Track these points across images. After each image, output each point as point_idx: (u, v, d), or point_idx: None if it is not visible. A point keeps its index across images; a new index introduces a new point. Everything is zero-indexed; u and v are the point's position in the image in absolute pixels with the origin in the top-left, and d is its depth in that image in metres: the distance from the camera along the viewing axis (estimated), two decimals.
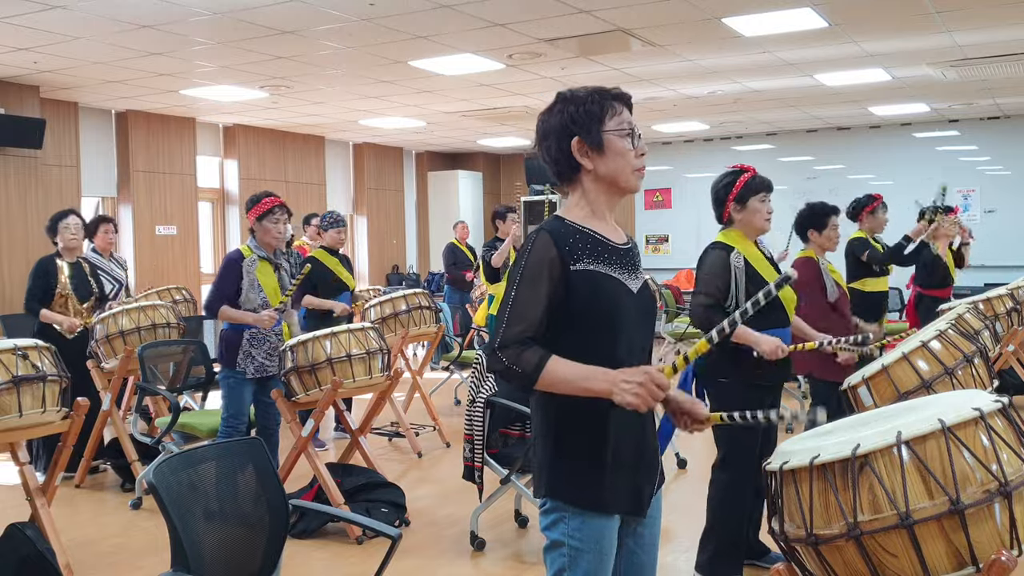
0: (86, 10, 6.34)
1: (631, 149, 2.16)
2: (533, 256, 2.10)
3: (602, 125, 2.14)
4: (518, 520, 4.87)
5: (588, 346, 2.09)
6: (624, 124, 2.15)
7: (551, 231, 2.13)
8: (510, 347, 2.05)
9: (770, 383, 3.81)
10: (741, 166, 3.88)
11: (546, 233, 2.12)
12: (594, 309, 2.10)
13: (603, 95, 2.16)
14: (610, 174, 2.16)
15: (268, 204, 4.84)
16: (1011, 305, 5.82)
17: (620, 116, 2.15)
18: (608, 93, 2.17)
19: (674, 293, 11.67)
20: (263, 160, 12.13)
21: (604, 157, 2.15)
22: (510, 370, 2.05)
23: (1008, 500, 1.96)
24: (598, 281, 2.11)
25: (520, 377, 2.05)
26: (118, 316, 5.78)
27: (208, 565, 2.45)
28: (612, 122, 2.14)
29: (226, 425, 4.81)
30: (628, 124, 2.16)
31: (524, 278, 2.09)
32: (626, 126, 2.15)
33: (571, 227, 2.15)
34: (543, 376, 2.03)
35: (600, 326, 2.11)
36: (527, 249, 2.12)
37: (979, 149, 12.53)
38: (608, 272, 2.13)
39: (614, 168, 2.16)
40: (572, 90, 2.19)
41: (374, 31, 7.06)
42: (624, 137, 2.15)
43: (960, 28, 7.31)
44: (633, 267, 2.21)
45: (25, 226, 8.98)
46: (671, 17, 6.82)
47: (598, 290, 2.11)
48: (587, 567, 2.11)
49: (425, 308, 7.07)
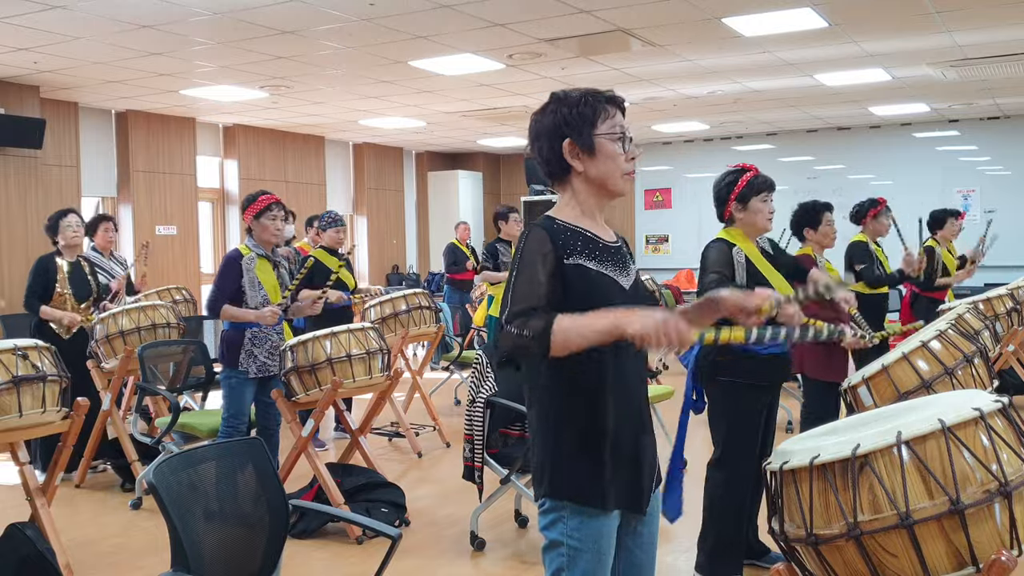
0: (86, 10, 6.35)
1: (622, 153, 2.17)
2: (528, 248, 2.12)
3: (594, 128, 2.15)
4: (518, 520, 4.87)
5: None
6: (616, 128, 2.16)
7: (544, 227, 2.15)
8: (517, 319, 2.04)
9: (769, 382, 3.81)
10: (743, 165, 3.87)
11: (539, 228, 2.14)
12: (586, 305, 2.09)
13: (596, 98, 2.17)
14: (600, 177, 2.18)
15: (265, 202, 4.85)
16: (1011, 305, 5.82)
17: (612, 120, 2.17)
18: (601, 96, 2.18)
19: (674, 293, 11.67)
20: (263, 160, 12.13)
21: (595, 160, 2.16)
22: (521, 338, 2.02)
23: (1008, 500, 1.96)
24: (590, 277, 2.13)
25: (532, 343, 2.01)
26: (118, 316, 5.78)
27: (208, 565, 2.45)
28: (604, 126, 2.15)
29: (226, 425, 4.81)
30: (620, 128, 2.17)
31: (523, 264, 2.10)
32: (618, 130, 2.16)
33: (562, 225, 2.17)
34: (554, 334, 1.99)
35: None
36: (522, 243, 2.14)
37: (979, 149, 12.54)
38: (599, 269, 2.15)
39: (604, 171, 2.17)
40: (566, 91, 2.20)
41: (374, 31, 7.06)
42: (615, 141, 2.16)
43: (960, 28, 7.32)
44: (624, 264, 2.23)
45: (25, 226, 8.98)
46: (671, 17, 6.82)
47: (590, 286, 2.12)
48: (585, 566, 2.12)
49: (425, 308, 7.07)
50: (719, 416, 3.81)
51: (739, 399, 3.73)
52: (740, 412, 3.77)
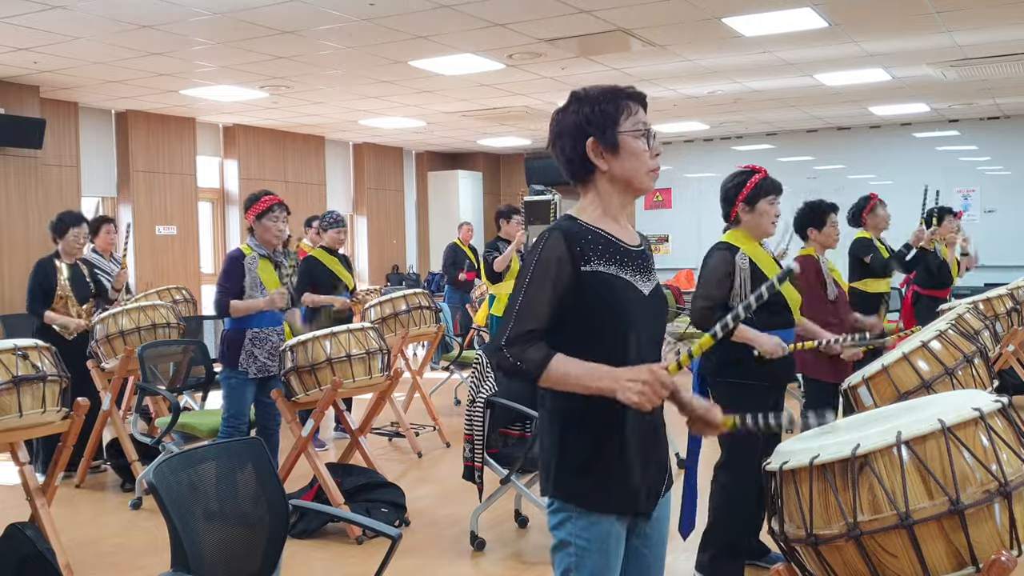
0: (86, 10, 6.34)
1: (646, 150, 2.14)
2: (543, 255, 2.08)
3: (617, 126, 2.11)
4: (518, 520, 4.87)
5: (597, 347, 2.07)
6: (639, 124, 2.13)
7: (564, 231, 2.10)
8: (515, 344, 2.05)
9: (773, 383, 3.81)
10: (752, 167, 3.85)
11: (559, 232, 2.10)
12: (604, 311, 2.08)
13: (618, 95, 2.14)
14: (625, 175, 2.14)
15: (267, 202, 4.85)
16: (1011, 305, 5.81)
17: (635, 116, 2.13)
18: (623, 92, 2.15)
19: (674, 293, 11.66)
20: (263, 160, 12.13)
21: (619, 158, 2.12)
22: (515, 367, 2.05)
23: (1008, 500, 1.96)
24: (608, 283, 2.09)
25: (525, 374, 2.05)
26: (118, 316, 5.78)
27: (208, 565, 2.45)
28: (627, 123, 2.12)
29: (227, 425, 4.81)
30: (643, 124, 2.14)
31: (534, 277, 2.08)
32: (641, 126, 2.13)
33: (584, 227, 2.13)
34: (547, 373, 2.03)
35: (610, 328, 2.09)
36: (538, 248, 2.10)
37: (979, 149, 12.54)
38: (619, 274, 2.11)
39: (629, 169, 2.13)
40: (586, 89, 2.16)
41: (374, 31, 7.06)
42: (639, 138, 2.13)
43: (960, 28, 7.32)
44: (645, 269, 2.19)
45: (25, 226, 8.98)
46: (671, 17, 6.82)
47: (608, 292, 2.09)
48: (593, 567, 2.11)
49: (425, 308, 7.07)
50: None
51: (744, 400, 3.73)
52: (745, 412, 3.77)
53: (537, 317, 2.06)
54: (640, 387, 1.94)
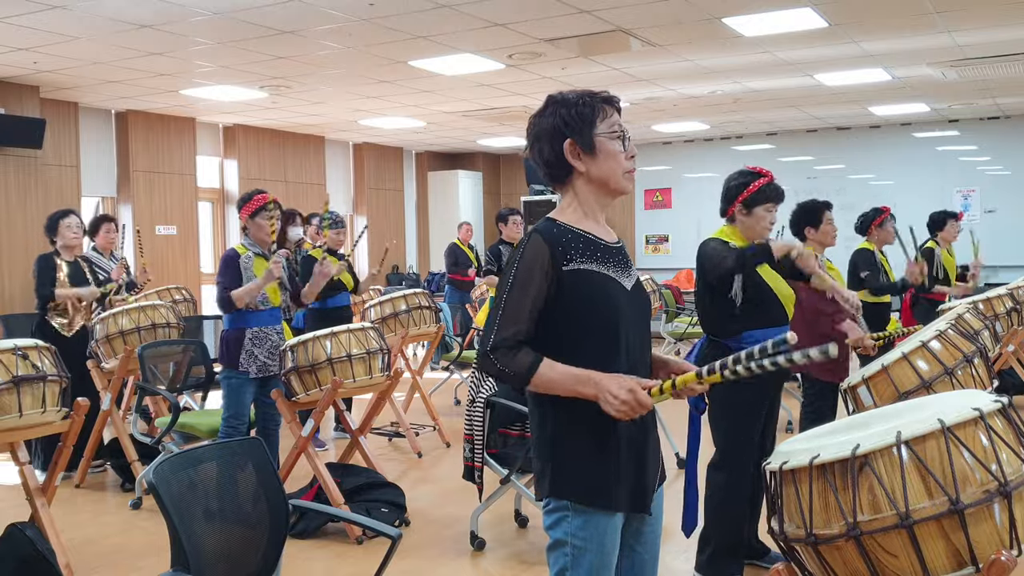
0: (86, 10, 6.34)
1: (622, 151, 2.19)
2: (525, 258, 2.13)
3: (594, 128, 2.17)
4: (518, 520, 4.87)
5: (587, 344, 2.11)
6: (615, 127, 2.19)
7: (543, 233, 2.16)
8: (501, 349, 2.10)
9: (769, 382, 3.81)
10: (760, 170, 3.82)
11: (538, 235, 2.15)
12: (591, 307, 2.12)
13: (593, 98, 2.20)
14: (602, 176, 2.19)
15: (260, 201, 4.86)
16: (1011, 305, 5.82)
17: (611, 119, 2.19)
18: (598, 96, 2.21)
19: (674, 293, 11.66)
20: (263, 160, 12.13)
21: (596, 159, 2.18)
22: (502, 373, 2.10)
23: (1008, 500, 1.96)
24: (593, 279, 2.14)
25: (512, 379, 2.11)
26: (118, 316, 5.78)
27: (208, 565, 2.45)
28: (603, 125, 2.18)
29: (227, 425, 4.81)
30: (619, 127, 2.20)
31: (516, 281, 2.12)
32: (617, 129, 2.19)
33: (563, 228, 2.18)
34: (535, 379, 2.08)
35: (598, 324, 2.13)
36: (519, 252, 2.15)
37: (979, 149, 12.53)
38: (602, 270, 2.16)
39: (606, 170, 2.19)
40: (562, 93, 2.22)
41: (374, 31, 7.06)
42: (615, 139, 2.18)
43: (960, 28, 7.32)
44: (626, 265, 2.24)
45: (25, 226, 8.97)
46: (671, 17, 6.82)
47: (593, 288, 2.13)
48: (589, 566, 2.12)
49: (425, 308, 7.08)
50: (720, 416, 3.81)
51: (740, 399, 3.73)
52: (740, 412, 3.77)
53: (522, 323, 2.11)
54: (620, 405, 2.02)
